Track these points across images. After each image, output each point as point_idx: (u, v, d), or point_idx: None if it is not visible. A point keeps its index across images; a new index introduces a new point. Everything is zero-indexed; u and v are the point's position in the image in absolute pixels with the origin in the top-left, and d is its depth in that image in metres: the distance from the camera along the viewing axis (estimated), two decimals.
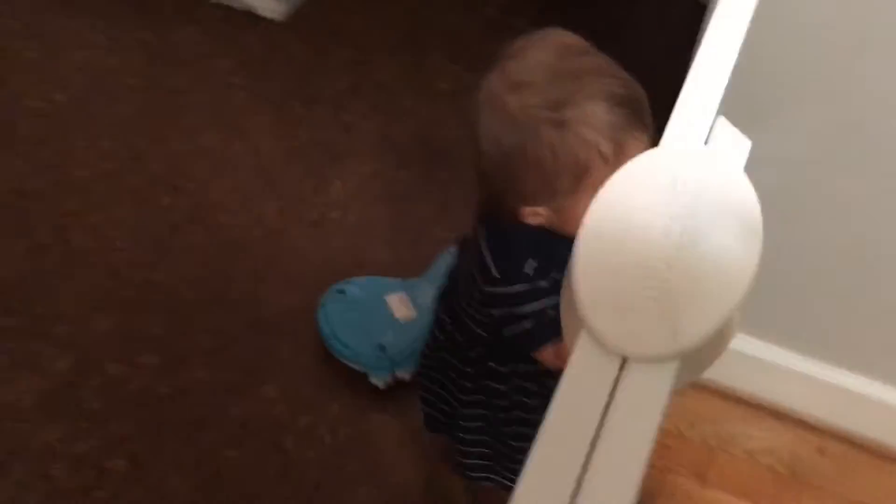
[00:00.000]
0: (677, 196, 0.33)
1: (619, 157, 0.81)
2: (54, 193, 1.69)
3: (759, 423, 1.49)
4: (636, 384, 0.30)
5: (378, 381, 1.42)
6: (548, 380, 1.00)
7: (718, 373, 1.53)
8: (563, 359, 0.93)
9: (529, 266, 0.89)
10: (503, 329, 0.93)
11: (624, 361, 0.30)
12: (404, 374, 1.43)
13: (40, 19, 2.00)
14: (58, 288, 1.56)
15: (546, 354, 0.91)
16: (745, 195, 0.32)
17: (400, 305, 1.47)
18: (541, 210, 0.86)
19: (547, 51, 0.84)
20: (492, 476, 1.14)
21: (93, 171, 1.73)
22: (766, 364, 1.44)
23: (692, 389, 1.54)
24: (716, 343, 0.32)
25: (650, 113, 0.84)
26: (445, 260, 1.43)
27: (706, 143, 0.36)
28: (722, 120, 0.37)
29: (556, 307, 0.88)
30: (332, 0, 2.06)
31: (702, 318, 0.30)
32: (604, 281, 0.31)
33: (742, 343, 1.43)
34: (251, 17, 2.01)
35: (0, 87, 1.87)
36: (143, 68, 1.92)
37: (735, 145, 0.37)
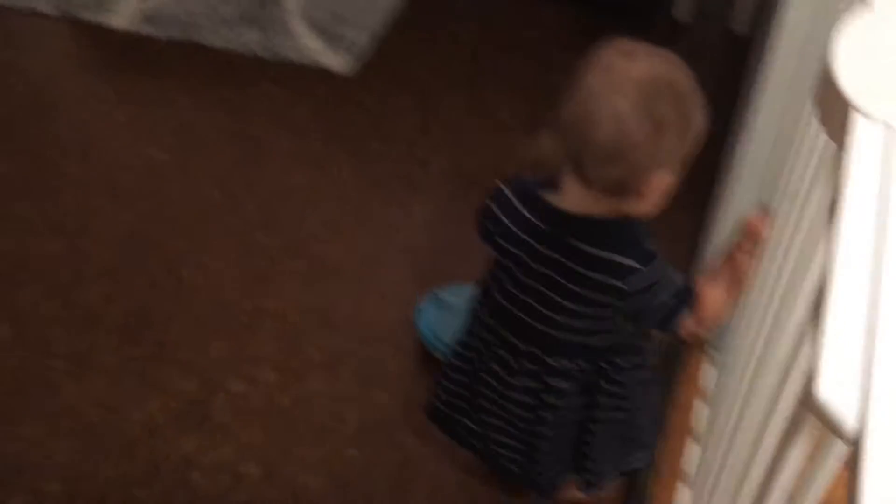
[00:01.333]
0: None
1: None
2: (162, 236, 1.83)
3: None
4: None
5: None
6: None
7: None
8: (702, 321, 1.05)
9: (648, 245, 1.01)
10: (649, 317, 1.03)
11: (887, 128, 0.43)
12: None
13: (129, 86, 2.18)
14: (175, 318, 1.69)
15: (688, 321, 1.02)
16: None
17: None
18: (667, 175, 0.95)
19: (645, 46, 0.96)
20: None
21: (193, 214, 1.88)
22: None
23: None
24: None
25: None
26: None
27: None
28: None
29: (677, 276, 1.01)
30: (393, 53, 2.23)
31: None
32: (862, 78, 0.45)
33: None
34: (322, 73, 2.18)
35: (99, 148, 2.04)
36: (227, 122, 2.08)
37: None
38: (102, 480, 1.45)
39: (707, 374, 1.44)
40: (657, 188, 0.96)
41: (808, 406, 0.36)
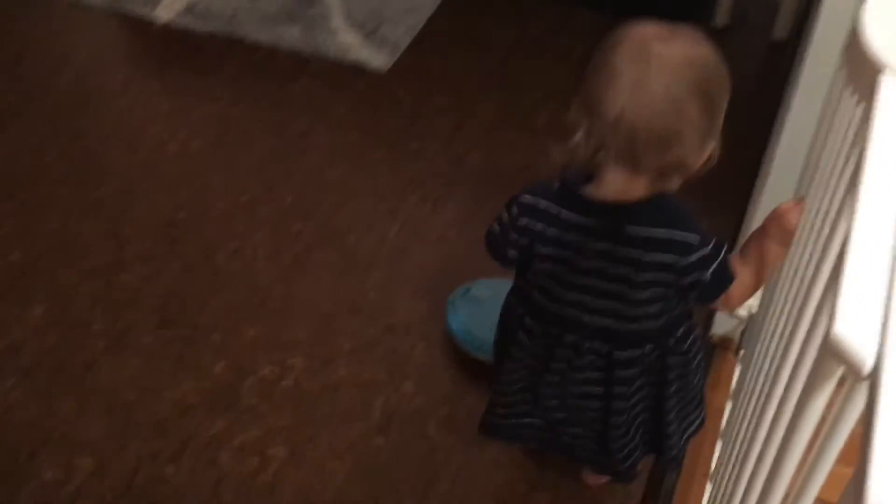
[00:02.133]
0: None
1: None
2: (199, 223, 1.87)
3: None
4: None
5: None
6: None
7: None
8: (728, 300, 1.06)
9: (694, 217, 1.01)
10: (700, 291, 1.04)
11: None
12: None
13: (171, 78, 2.23)
14: (209, 302, 1.72)
15: (726, 296, 1.03)
16: None
17: None
18: (714, 145, 0.96)
19: (668, 27, 0.96)
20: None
21: (231, 203, 1.91)
22: None
23: None
24: None
25: None
26: None
27: None
28: None
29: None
30: (429, 51, 2.26)
31: None
32: (889, 36, 0.46)
33: None
34: (358, 70, 2.21)
35: (141, 137, 2.08)
36: (267, 115, 2.12)
37: None
38: (133, 456, 1.49)
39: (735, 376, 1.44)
40: (705, 160, 0.97)
41: (828, 348, 0.37)
